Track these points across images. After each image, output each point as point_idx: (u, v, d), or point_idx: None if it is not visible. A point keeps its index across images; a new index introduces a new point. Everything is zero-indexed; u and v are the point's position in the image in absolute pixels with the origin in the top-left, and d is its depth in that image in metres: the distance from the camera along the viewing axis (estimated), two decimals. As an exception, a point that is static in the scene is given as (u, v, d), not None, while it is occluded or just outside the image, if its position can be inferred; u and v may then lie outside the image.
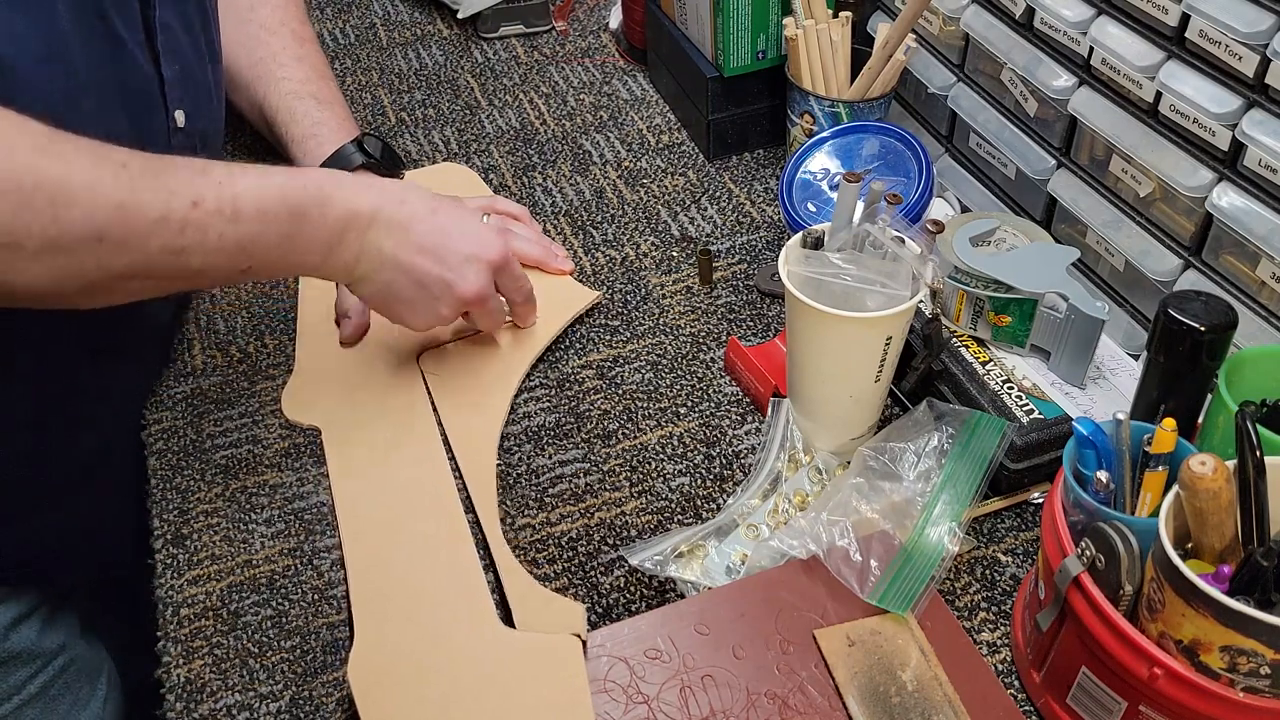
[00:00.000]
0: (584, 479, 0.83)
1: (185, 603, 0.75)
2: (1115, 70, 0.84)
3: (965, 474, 0.74)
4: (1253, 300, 0.77)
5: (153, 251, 0.65)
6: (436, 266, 0.80)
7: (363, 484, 0.81)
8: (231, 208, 0.69)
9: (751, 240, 1.05)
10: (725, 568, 0.74)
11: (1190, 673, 0.54)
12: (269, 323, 0.98)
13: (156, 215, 0.65)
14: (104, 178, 0.63)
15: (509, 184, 1.14)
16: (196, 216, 0.67)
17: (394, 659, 0.69)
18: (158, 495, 0.83)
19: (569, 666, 0.67)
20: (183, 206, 0.66)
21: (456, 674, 0.68)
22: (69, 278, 0.63)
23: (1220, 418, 0.65)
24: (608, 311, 0.98)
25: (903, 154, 0.95)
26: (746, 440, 0.86)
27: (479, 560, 0.75)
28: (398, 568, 0.75)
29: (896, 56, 0.99)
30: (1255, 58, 0.72)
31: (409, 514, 0.79)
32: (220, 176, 0.69)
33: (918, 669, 0.67)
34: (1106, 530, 0.58)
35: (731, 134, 1.15)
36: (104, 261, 0.64)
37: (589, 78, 1.31)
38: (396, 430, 0.85)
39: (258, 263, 0.72)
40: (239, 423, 0.88)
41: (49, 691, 0.93)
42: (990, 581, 0.75)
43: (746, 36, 1.08)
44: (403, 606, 0.72)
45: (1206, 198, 0.77)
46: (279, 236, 0.72)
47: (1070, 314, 0.79)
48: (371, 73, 1.33)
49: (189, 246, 0.67)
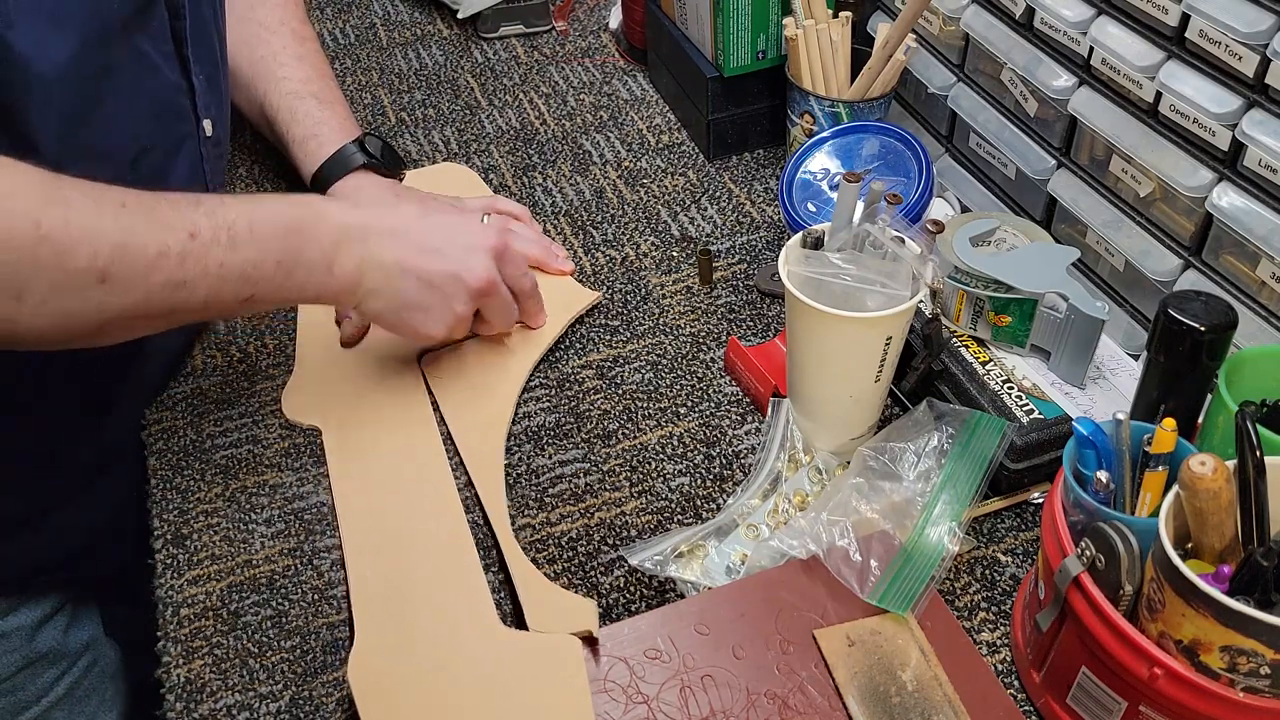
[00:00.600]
0: (584, 479, 0.83)
1: (185, 603, 0.75)
2: (1115, 70, 0.84)
3: (965, 474, 0.74)
4: (1253, 300, 0.77)
5: (155, 288, 0.65)
6: (441, 262, 0.80)
7: (363, 484, 0.81)
8: (228, 234, 0.68)
9: (751, 240, 1.05)
10: (725, 568, 0.74)
11: (1190, 673, 0.54)
12: (269, 323, 0.98)
13: (156, 251, 0.64)
14: (104, 219, 0.62)
15: (509, 184, 1.14)
16: (195, 248, 0.66)
17: (394, 660, 0.69)
18: (158, 495, 0.83)
19: (569, 666, 0.67)
20: (180, 239, 0.66)
21: (456, 674, 0.68)
22: (74, 321, 0.63)
23: (1220, 418, 0.65)
24: (608, 311, 0.98)
25: (903, 154, 0.95)
26: (746, 440, 0.86)
27: (479, 560, 0.75)
28: (398, 568, 0.75)
29: (896, 56, 0.99)
30: (1255, 58, 0.72)
31: (409, 514, 0.79)
32: (212, 206, 0.69)
33: (918, 669, 0.67)
34: (1106, 530, 0.58)
35: (731, 134, 1.15)
36: (108, 302, 0.63)
37: (589, 78, 1.31)
38: (396, 430, 0.85)
39: (260, 290, 0.72)
40: (239, 423, 0.88)
41: (75, 692, 0.93)
42: (990, 581, 0.75)
43: (746, 36, 1.08)
44: (403, 607, 0.72)
45: (1206, 198, 0.77)
46: (278, 257, 0.72)
47: (1070, 314, 0.79)
48: (371, 73, 1.33)
49: (190, 279, 0.67)
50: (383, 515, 0.79)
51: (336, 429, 0.86)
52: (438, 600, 0.73)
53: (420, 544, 0.77)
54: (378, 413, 0.87)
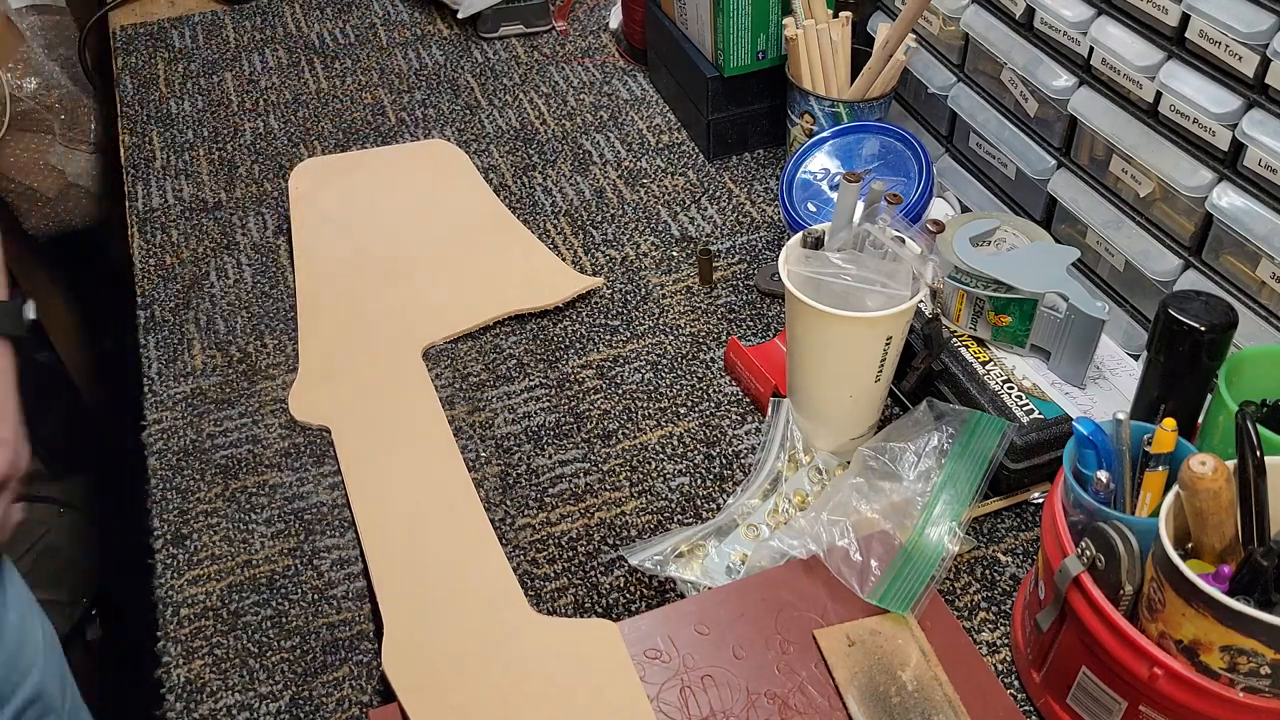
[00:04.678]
0: (584, 479, 0.83)
1: (185, 603, 0.75)
2: (1115, 70, 0.84)
3: (965, 474, 0.74)
4: (1253, 300, 0.77)
5: None
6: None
7: (378, 479, 0.82)
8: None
9: (751, 240, 1.05)
10: (725, 568, 0.74)
11: (1190, 673, 0.54)
12: (269, 323, 0.98)
13: None
14: None
15: (509, 184, 1.14)
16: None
17: (426, 647, 0.70)
18: (158, 495, 0.83)
19: (609, 647, 0.68)
20: None
21: (493, 659, 0.69)
22: None
23: (1220, 418, 0.65)
24: (608, 311, 0.98)
25: (903, 154, 0.95)
26: (746, 440, 0.86)
27: (500, 547, 0.76)
28: (420, 559, 0.76)
29: (896, 56, 0.99)
30: (1255, 58, 0.72)
31: (426, 505, 0.80)
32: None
33: (918, 669, 0.67)
34: (1106, 530, 0.58)
35: (731, 134, 1.15)
36: None
37: (589, 78, 1.31)
38: (406, 424, 0.86)
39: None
40: (239, 423, 0.88)
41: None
42: (990, 581, 0.75)
43: (746, 36, 1.08)
44: (428, 596, 0.73)
45: (1206, 198, 0.77)
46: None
47: (1070, 314, 0.79)
48: (371, 73, 1.33)
49: None
50: (400, 507, 0.80)
51: (346, 427, 0.86)
52: (464, 587, 0.74)
53: (440, 534, 0.77)
54: (386, 409, 0.87)
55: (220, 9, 1.47)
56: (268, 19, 1.45)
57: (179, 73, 1.34)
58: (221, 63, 1.36)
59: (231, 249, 1.06)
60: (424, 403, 0.87)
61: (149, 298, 1.01)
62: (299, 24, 1.43)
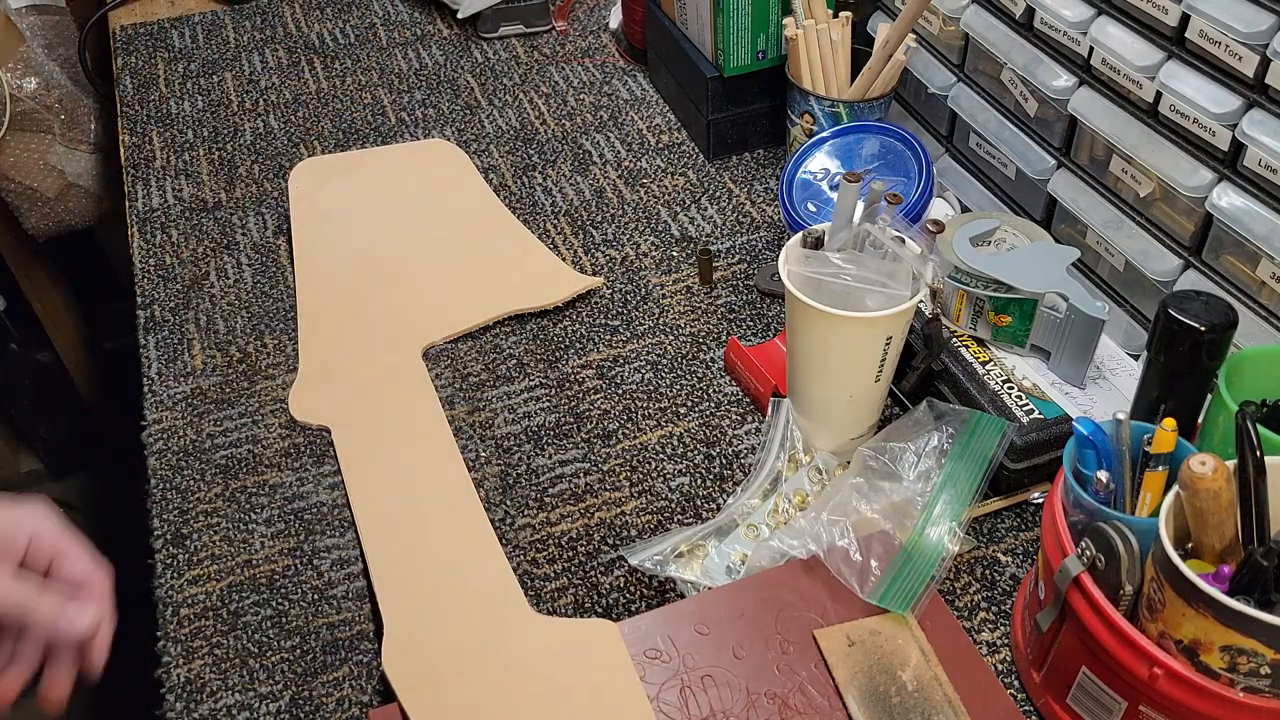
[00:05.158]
0: (584, 479, 0.83)
1: (185, 603, 0.75)
2: (1115, 70, 0.84)
3: (965, 474, 0.74)
4: (1253, 300, 0.77)
5: None
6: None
7: (378, 479, 0.82)
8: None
9: (751, 240, 1.05)
10: (725, 568, 0.74)
11: (1190, 673, 0.54)
12: (269, 323, 0.98)
13: None
14: None
15: (509, 184, 1.14)
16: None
17: (427, 648, 0.70)
18: (158, 495, 0.83)
19: (609, 648, 0.68)
20: None
21: (493, 659, 0.69)
22: None
23: (1220, 418, 0.65)
24: (608, 311, 0.98)
25: (903, 154, 0.95)
26: (746, 440, 0.86)
27: (500, 548, 0.76)
28: (420, 559, 0.76)
29: (896, 56, 0.99)
30: (1255, 58, 0.72)
31: (426, 505, 0.80)
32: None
33: (918, 669, 0.67)
34: (1106, 530, 0.58)
35: (731, 134, 1.15)
36: None
37: (589, 78, 1.31)
38: (406, 424, 0.86)
39: None
40: (239, 423, 0.88)
41: None
42: (990, 581, 0.75)
43: (746, 36, 1.08)
44: (428, 596, 0.73)
45: (1206, 198, 0.77)
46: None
47: (1070, 314, 0.79)
48: (371, 73, 1.33)
49: None
50: (400, 507, 0.80)
51: (347, 427, 0.86)
52: (464, 587, 0.74)
53: (440, 534, 0.77)
54: (386, 409, 0.87)
55: (220, 9, 1.47)
56: (268, 19, 1.45)
57: (179, 73, 1.34)
58: (221, 63, 1.36)
59: (231, 249, 1.06)
60: (424, 403, 0.87)
61: (149, 298, 1.01)
62: (299, 24, 1.43)
